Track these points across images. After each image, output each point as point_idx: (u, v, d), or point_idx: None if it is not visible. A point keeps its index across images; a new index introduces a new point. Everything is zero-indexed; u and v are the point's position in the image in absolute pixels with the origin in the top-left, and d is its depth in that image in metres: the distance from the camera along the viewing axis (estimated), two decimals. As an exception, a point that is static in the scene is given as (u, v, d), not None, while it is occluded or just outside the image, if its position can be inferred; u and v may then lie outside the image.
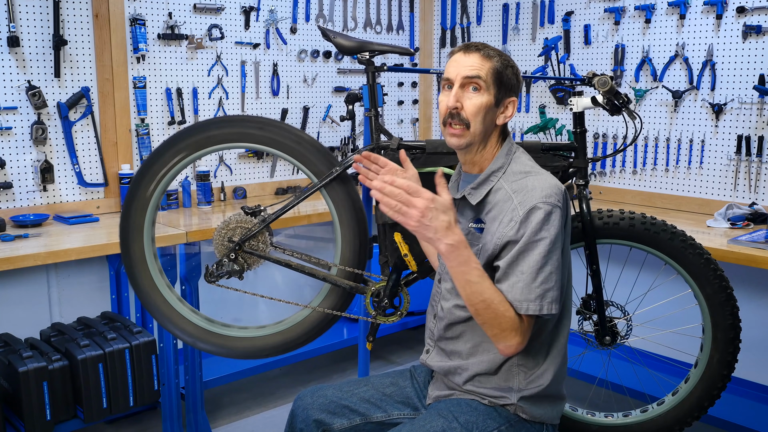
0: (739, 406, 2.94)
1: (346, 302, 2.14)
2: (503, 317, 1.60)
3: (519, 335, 1.62)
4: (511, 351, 1.65)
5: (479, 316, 1.62)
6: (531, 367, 1.75)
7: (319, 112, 3.92)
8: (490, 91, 1.70)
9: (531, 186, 1.66)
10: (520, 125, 3.95)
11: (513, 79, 1.74)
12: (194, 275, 2.97)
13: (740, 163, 3.11)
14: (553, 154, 2.07)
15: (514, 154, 1.77)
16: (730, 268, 2.32)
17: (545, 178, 1.69)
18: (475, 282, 1.59)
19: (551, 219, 1.62)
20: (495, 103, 1.71)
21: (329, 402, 1.91)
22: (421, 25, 4.33)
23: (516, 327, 1.61)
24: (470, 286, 1.59)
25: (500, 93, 1.72)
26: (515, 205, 1.64)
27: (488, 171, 1.74)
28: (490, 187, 1.73)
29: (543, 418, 1.78)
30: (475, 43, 1.74)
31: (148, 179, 2.08)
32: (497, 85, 1.71)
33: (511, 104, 1.75)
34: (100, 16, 3.09)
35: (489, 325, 1.62)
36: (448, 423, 1.72)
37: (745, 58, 3.06)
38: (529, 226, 1.61)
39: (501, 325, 1.60)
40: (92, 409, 2.66)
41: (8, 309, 2.96)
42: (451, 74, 1.72)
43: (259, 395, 3.52)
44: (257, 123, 2.05)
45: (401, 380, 1.99)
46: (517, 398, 1.75)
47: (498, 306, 1.59)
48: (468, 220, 1.77)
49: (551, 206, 1.62)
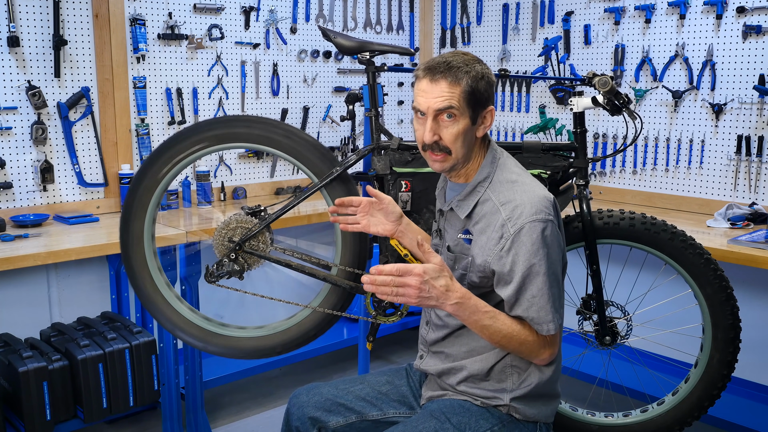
0: (739, 406, 2.94)
1: (346, 302, 2.14)
2: (527, 342, 1.65)
3: (548, 348, 1.69)
4: (546, 362, 1.72)
5: (506, 348, 1.68)
6: (524, 367, 1.76)
7: (319, 112, 3.92)
8: (465, 114, 1.64)
9: (519, 201, 1.63)
10: (520, 125, 3.95)
11: (487, 90, 1.66)
12: (194, 275, 2.97)
13: (740, 163, 3.11)
14: (553, 154, 2.07)
15: (499, 161, 1.73)
16: (730, 268, 2.32)
17: (533, 190, 1.65)
18: (489, 325, 1.62)
19: (546, 234, 1.61)
20: (472, 122, 1.66)
21: (325, 400, 1.91)
22: (421, 25, 4.33)
23: (543, 344, 1.67)
24: (487, 330, 1.63)
25: (475, 111, 1.65)
26: (504, 221, 1.63)
27: (474, 182, 1.72)
28: (477, 198, 1.71)
29: (536, 417, 1.78)
30: (440, 66, 1.62)
31: (148, 179, 2.08)
32: (471, 105, 1.64)
33: (489, 114, 1.69)
34: (100, 16, 3.09)
35: (518, 352, 1.68)
36: (440, 424, 1.73)
37: (745, 58, 3.06)
38: (523, 246, 1.60)
39: (529, 348, 1.66)
40: (92, 409, 2.66)
41: (8, 309, 2.96)
42: (421, 105, 1.65)
43: (259, 395, 3.52)
44: (257, 123, 2.05)
45: (397, 379, 1.99)
46: (509, 399, 1.75)
47: (519, 335, 1.64)
48: (456, 231, 1.76)
49: (543, 222, 1.61)
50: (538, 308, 1.62)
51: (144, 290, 2.14)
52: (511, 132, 4.00)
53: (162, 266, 2.18)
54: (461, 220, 1.74)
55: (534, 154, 2.05)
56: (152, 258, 2.13)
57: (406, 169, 2.09)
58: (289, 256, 2.11)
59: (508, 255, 1.61)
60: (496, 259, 1.64)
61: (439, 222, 1.87)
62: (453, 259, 1.76)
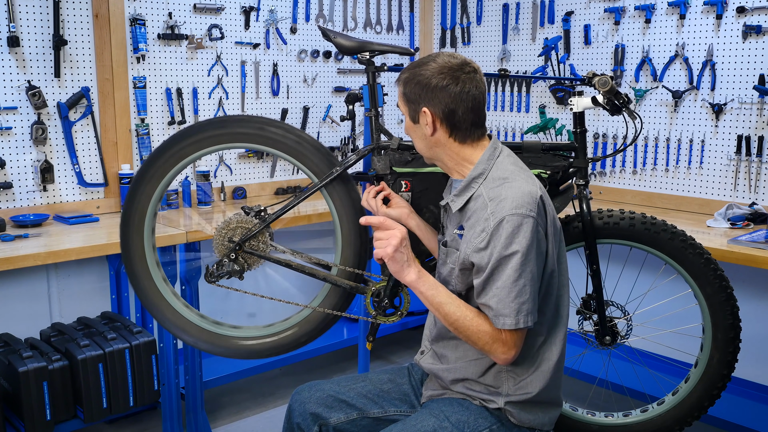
0: (739, 406, 2.94)
1: (346, 302, 2.14)
2: (480, 332, 1.65)
3: (505, 346, 1.66)
4: (505, 362, 1.70)
5: (459, 333, 1.68)
6: (520, 373, 1.76)
7: (319, 112, 3.92)
8: (407, 113, 1.79)
9: (504, 195, 1.65)
10: (520, 125, 3.95)
11: (415, 90, 1.72)
12: (194, 275, 2.97)
13: (740, 163, 3.11)
14: (553, 154, 2.06)
15: (497, 158, 1.75)
16: (730, 268, 2.32)
17: (519, 186, 1.66)
18: (445, 302, 1.67)
19: (521, 230, 1.61)
20: (413, 121, 1.77)
21: (327, 396, 1.92)
22: (421, 25, 4.33)
23: (498, 339, 1.65)
24: (443, 308, 1.67)
25: (411, 110, 1.76)
26: (488, 215, 1.65)
27: (469, 177, 1.74)
28: (471, 194, 1.73)
29: (533, 423, 1.78)
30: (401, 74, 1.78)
31: (148, 179, 2.08)
32: (406, 104, 1.77)
33: (423, 115, 1.72)
34: (100, 16, 3.09)
35: (471, 340, 1.68)
36: (439, 422, 1.74)
37: (745, 58, 3.06)
38: (499, 239, 1.61)
39: (481, 339, 1.66)
40: (92, 409, 2.66)
41: (8, 309, 2.96)
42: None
43: (259, 395, 3.52)
44: (257, 123, 2.05)
45: (399, 377, 2.00)
46: (503, 402, 1.76)
47: (471, 322, 1.65)
48: (453, 227, 1.79)
49: (521, 217, 1.61)
50: (498, 300, 1.62)
51: (141, 284, 2.14)
52: (511, 132, 3.99)
53: (159, 261, 2.18)
54: (456, 215, 1.77)
55: (534, 154, 2.04)
56: (151, 252, 2.13)
57: (406, 169, 2.09)
58: (288, 256, 2.11)
59: (487, 248, 1.64)
60: (476, 252, 1.66)
61: (442, 218, 1.90)
62: (446, 253, 1.79)
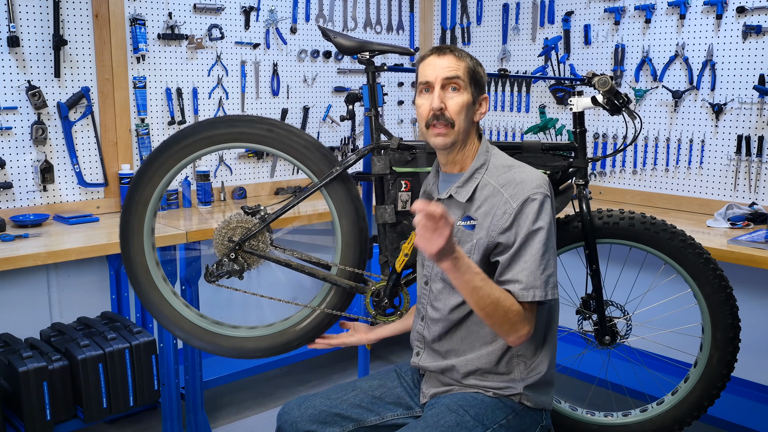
0: (739, 406, 2.94)
1: (346, 302, 2.14)
2: (511, 312, 1.65)
3: (528, 324, 1.68)
4: (521, 341, 1.70)
5: (490, 317, 1.66)
6: (529, 356, 1.79)
7: (319, 112, 3.92)
8: (468, 89, 1.76)
9: (519, 179, 1.72)
10: (520, 125, 3.95)
11: (484, 78, 1.82)
12: (194, 275, 2.97)
13: (740, 163, 3.11)
14: (553, 154, 2.07)
15: (492, 150, 1.84)
16: (730, 268, 2.32)
17: (531, 171, 1.77)
18: (480, 287, 1.63)
19: (544, 208, 1.69)
20: (473, 101, 1.78)
21: (319, 412, 1.89)
22: (421, 25, 4.33)
23: (524, 317, 1.67)
24: (477, 292, 1.63)
25: (476, 91, 1.79)
26: (507, 199, 1.71)
27: (472, 168, 1.79)
28: (476, 183, 1.77)
29: (543, 404, 1.83)
30: (445, 45, 1.80)
31: (148, 179, 2.08)
32: (473, 83, 1.78)
33: (485, 101, 1.83)
34: (100, 16, 3.09)
35: (500, 323, 1.66)
36: (460, 417, 1.74)
37: (745, 58, 3.06)
38: (526, 217, 1.68)
39: (511, 320, 1.66)
40: (92, 409, 2.66)
41: (8, 309, 2.96)
42: (429, 77, 1.76)
43: (259, 395, 3.52)
44: (257, 123, 2.06)
45: (388, 381, 1.98)
46: (522, 387, 1.79)
47: (505, 302, 1.65)
48: (456, 218, 1.79)
49: (543, 195, 1.70)
50: (529, 272, 1.66)
51: (141, 284, 2.14)
52: (511, 132, 3.99)
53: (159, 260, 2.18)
54: (461, 206, 1.78)
55: (534, 154, 2.05)
56: (151, 251, 2.13)
57: (406, 168, 2.09)
58: (288, 256, 2.11)
59: (512, 227, 1.68)
60: (501, 233, 1.70)
61: None
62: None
